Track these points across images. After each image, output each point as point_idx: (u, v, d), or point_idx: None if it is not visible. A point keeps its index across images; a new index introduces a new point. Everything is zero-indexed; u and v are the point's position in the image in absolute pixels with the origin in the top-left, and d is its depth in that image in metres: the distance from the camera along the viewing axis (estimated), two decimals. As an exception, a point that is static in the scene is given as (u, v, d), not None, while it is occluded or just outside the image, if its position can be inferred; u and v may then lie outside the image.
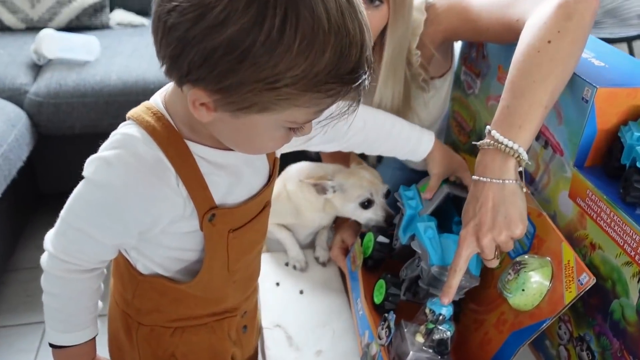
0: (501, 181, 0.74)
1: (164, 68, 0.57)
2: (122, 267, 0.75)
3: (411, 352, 0.80)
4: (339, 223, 1.20)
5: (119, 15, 2.29)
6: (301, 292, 1.08)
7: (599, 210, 0.74)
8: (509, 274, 0.77)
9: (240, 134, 0.61)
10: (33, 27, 2.10)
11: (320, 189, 1.05)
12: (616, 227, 0.71)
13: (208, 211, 0.67)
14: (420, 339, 0.81)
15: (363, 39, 0.55)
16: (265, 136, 0.61)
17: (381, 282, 0.94)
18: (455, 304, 0.88)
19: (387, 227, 1.03)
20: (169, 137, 0.63)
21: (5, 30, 2.13)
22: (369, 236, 1.03)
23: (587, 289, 0.68)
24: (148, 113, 0.64)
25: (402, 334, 0.83)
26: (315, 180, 1.05)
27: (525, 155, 0.74)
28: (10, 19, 2.13)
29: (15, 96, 1.71)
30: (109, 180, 0.62)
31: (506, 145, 0.74)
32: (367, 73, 0.56)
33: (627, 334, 0.70)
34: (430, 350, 0.80)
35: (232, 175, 0.69)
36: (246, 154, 0.68)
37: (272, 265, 1.14)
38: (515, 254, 0.82)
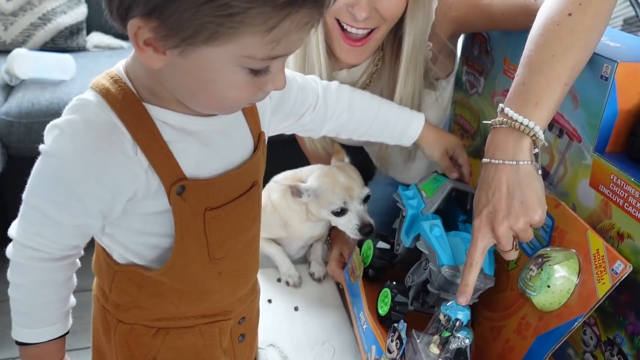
0: (515, 163, 0.67)
1: (106, 10, 0.53)
2: (100, 258, 0.68)
3: None
4: (335, 235, 1.11)
5: (96, 38, 2.23)
6: (296, 308, 0.99)
7: (626, 195, 0.67)
8: (531, 269, 0.69)
9: (194, 79, 0.54)
10: (5, 50, 2.02)
11: (296, 192, 0.98)
12: (650, 212, 0.64)
13: (175, 183, 0.59)
14: (435, 350, 0.73)
15: None
16: (222, 80, 0.54)
17: (386, 290, 0.86)
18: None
19: (363, 236, 0.96)
20: (124, 100, 0.57)
21: (-24, 53, 2.05)
22: (368, 244, 0.95)
23: (623, 277, 0.61)
24: (106, 77, 0.58)
25: (415, 346, 0.74)
26: (290, 182, 0.98)
27: (541, 135, 0.68)
28: (-19, 42, 2.05)
29: (-16, 116, 1.62)
30: (59, 148, 0.56)
31: (521, 123, 0.67)
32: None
33: (669, 330, 0.63)
34: None
35: (203, 144, 0.61)
36: (219, 122, 0.62)
37: (262, 282, 1.04)
38: (533, 251, 0.75)
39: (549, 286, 0.67)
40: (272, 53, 0.52)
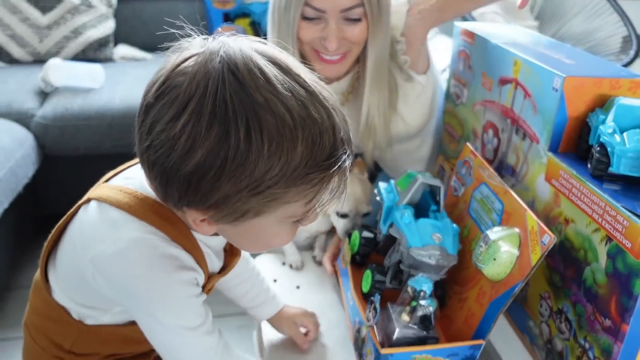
0: None
1: (160, 191, 0.62)
2: (57, 317, 0.76)
3: (397, 329, 0.84)
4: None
5: (123, 50, 2.40)
6: (297, 287, 1.12)
7: (571, 186, 0.81)
8: (481, 246, 0.82)
9: (245, 237, 0.67)
10: (40, 60, 2.20)
11: None
12: (585, 199, 0.77)
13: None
14: (406, 317, 0.85)
15: (333, 123, 0.58)
16: (270, 234, 0.66)
17: (367, 272, 0.99)
18: (439, 286, 0.94)
19: (345, 237, 1.11)
20: (180, 233, 0.68)
21: (14, 62, 2.23)
22: (355, 234, 1.09)
23: (550, 247, 0.74)
24: (153, 208, 0.67)
25: (389, 316, 0.87)
26: None
27: None
28: (18, 52, 2.23)
29: (23, 119, 1.79)
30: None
31: None
32: (347, 151, 0.60)
33: (597, 296, 0.75)
34: (415, 327, 0.84)
35: (214, 253, 0.76)
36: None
37: (270, 265, 1.19)
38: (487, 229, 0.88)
39: (495, 259, 0.80)
40: (309, 208, 0.63)
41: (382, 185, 1.03)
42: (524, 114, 0.94)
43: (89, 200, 0.70)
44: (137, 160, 0.72)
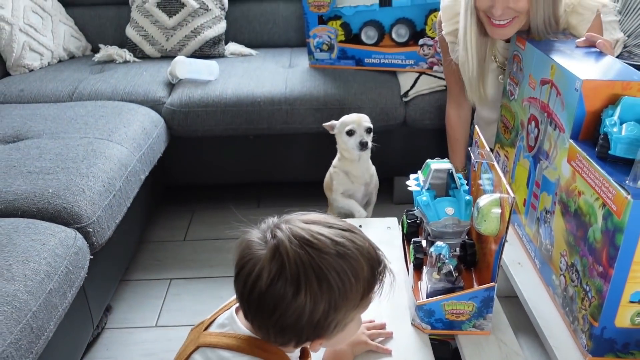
0: None
1: (278, 338, 0.84)
2: None
3: (429, 286, 1.11)
4: None
5: (232, 47, 2.77)
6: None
7: (583, 166, 1.03)
8: (475, 212, 1.07)
9: (340, 338, 0.90)
10: (167, 56, 2.62)
11: (330, 127, 1.56)
12: (591, 175, 1.00)
13: None
14: (436, 276, 1.12)
15: (377, 255, 0.86)
16: (352, 329, 0.91)
17: (411, 249, 1.24)
18: (470, 247, 1.19)
19: (360, 150, 1.51)
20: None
21: (146, 58, 2.66)
22: (404, 219, 1.35)
23: (513, 203, 0.97)
24: (263, 347, 0.87)
25: (426, 276, 1.14)
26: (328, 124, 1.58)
27: None
28: (150, 50, 2.66)
29: (155, 106, 2.19)
30: None
31: None
32: (383, 273, 0.87)
33: (595, 250, 0.98)
34: (443, 281, 1.10)
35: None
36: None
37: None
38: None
39: (485, 220, 1.04)
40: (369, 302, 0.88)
41: (412, 177, 1.28)
42: (556, 109, 1.16)
43: (197, 348, 0.90)
44: (223, 306, 0.96)
